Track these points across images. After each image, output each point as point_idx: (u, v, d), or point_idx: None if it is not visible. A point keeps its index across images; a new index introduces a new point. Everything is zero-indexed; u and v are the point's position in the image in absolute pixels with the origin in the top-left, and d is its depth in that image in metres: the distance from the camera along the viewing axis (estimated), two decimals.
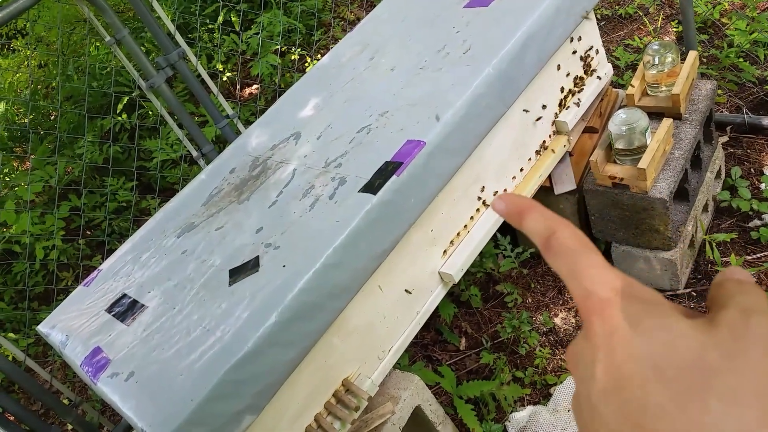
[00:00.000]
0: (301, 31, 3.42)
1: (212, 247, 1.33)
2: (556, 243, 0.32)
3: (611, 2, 2.97)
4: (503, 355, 1.84)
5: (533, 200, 0.36)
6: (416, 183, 1.25)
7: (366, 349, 1.31)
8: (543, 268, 2.05)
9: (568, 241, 0.32)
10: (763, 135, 2.08)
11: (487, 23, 1.52)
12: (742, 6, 2.48)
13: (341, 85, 1.66)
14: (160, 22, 2.03)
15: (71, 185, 3.12)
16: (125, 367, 1.18)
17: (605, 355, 0.27)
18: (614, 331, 0.28)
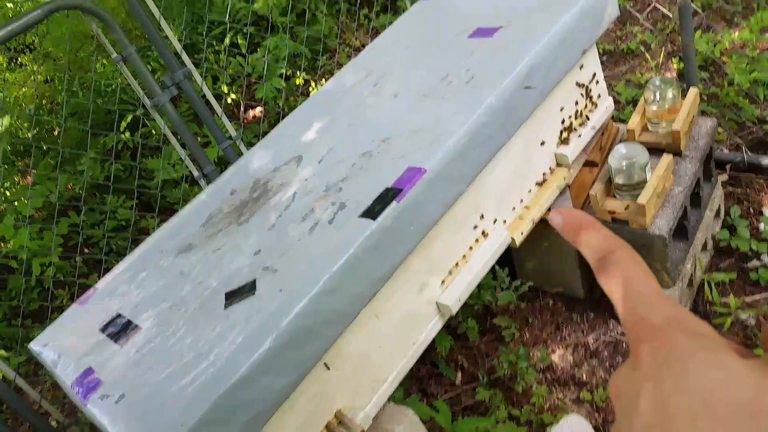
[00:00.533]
0: (307, 56, 3.45)
1: (209, 269, 1.32)
2: (612, 263, 0.31)
3: (614, 37, 3.01)
4: (499, 392, 1.82)
5: (592, 216, 0.34)
6: (416, 210, 1.24)
7: (360, 380, 1.29)
8: (541, 302, 2.03)
9: (624, 262, 0.31)
10: (762, 175, 2.09)
11: (491, 54, 1.53)
12: (742, 45, 2.51)
13: (344, 109, 1.66)
14: (167, 41, 2.04)
15: (71, 202, 3.12)
16: (116, 388, 1.16)
17: (653, 387, 0.26)
18: (664, 362, 0.26)
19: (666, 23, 2.90)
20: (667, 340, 0.27)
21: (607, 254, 0.32)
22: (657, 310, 0.28)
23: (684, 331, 0.27)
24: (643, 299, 0.29)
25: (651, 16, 3.00)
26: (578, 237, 0.34)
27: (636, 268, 0.31)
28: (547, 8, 1.59)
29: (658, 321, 0.28)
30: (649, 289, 0.30)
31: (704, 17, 2.77)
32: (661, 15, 2.95)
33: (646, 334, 0.28)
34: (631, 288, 0.30)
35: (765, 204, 2.00)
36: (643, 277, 0.30)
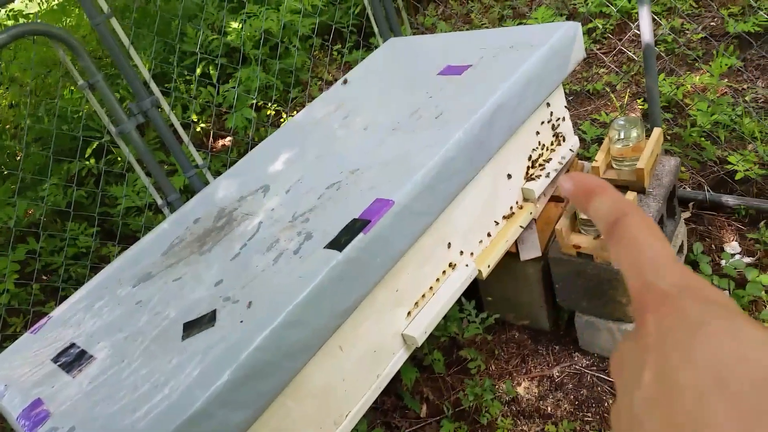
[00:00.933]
0: (279, 88, 3.46)
1: (168, 299, 1.28)
2: (622, 229, 0.29)
3: (580, 78, 3.09)
4: (464, 425, 1.79)
5: (603, 180, 0.32)
6: (383, 242, 1.23)
7: (322, 414, 1.26)
8: (507, 335, 2.03)
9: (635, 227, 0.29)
10: (723, 213, 2.14)
11: (460, 90, 1.55)
12: (703, 89, 2.60)
13: (314, 141, 1.66)
14: (136, 70, 2.03)
15: (31, 228, 3.03)
16: (66, 421, 1.11)
17: (657, 358, 0.23)
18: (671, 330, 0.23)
19: (631, 65, 2.99)
20: (675, 308, 0.24)
21: (618, 219, 0.30)
22: (666, 275, 0.26)
23: (695, 298, 0.24)
24: (651, 264, 0.27)
25: (617, 58, 3.10)
26: (588, 203, 0.32)
27: (647, 232, 0.28)
28: (516, 49, 1.63)
29: (667, 287, 0.25)
30: (660, 254, 0.27)
31: (667, 61, 2.86)
32: (627, 58, 3.04)
33: (652, 301, 0.25)
34: (641, 254, 0.27)
35: (726, 241, 2.04)
36: (653, 242, 0.28)
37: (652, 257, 0.27)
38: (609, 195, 0.31)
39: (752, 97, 2.52)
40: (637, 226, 0.29)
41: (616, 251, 0.29)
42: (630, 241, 0.28)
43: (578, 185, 0.33)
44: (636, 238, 0.28)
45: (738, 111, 2.42)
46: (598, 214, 0.31)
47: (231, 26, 3.56)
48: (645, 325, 0.25)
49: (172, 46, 3.53)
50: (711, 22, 3.04)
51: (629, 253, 0.28)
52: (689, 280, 0.26)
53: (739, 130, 2.32)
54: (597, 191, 0.31)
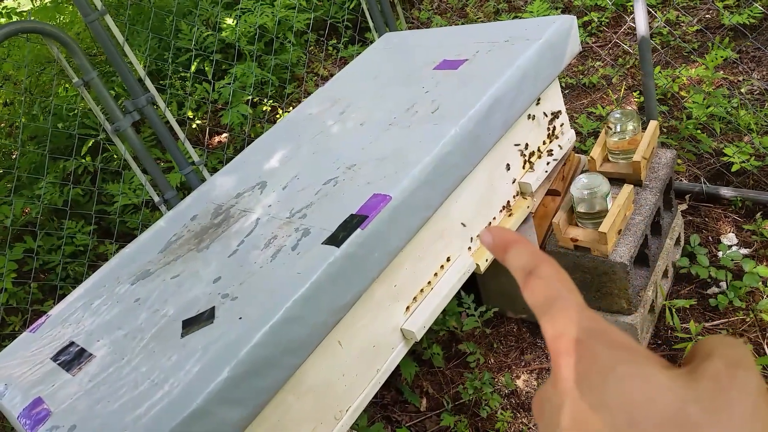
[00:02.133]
0: (274, 84, 3.45)
1: (166, 296, 1.28)
2: (535, 279, 0.31)
3: (576, 72, 3.09)
4: (464, 418, 1.80)
5: (520, 235, 0.34)
6: (381, 237, 1.24)
7: (322, 409, 1.26)
8: (506, 328, 2.03)
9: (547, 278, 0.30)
10: (720, 205, 2.14)
11: (456, 85, 1.55)
12: (699, 81, 2.60)
13: (310, 137, 1.66)
14: (131, 67, 2.02)
15: (28, 226, 3.03)
16: (67, 420, 1.11)
17: (572, 403, 0.25)
18: (585, 376, 0.25)
19: (627, 59, 2.99)
20: (587, 353, 0.26)
21: (532, 270, 0.31)
22: (577, 323, 0.27)
23: (604, 343, 0.26)
24: (562, 313, 0.28)
25: (612, 51, 3.09)
26: (506, 254, 0.33)
27: (559, 283, 0.30)
28: (512, 42, 1.62)
29: (578, 334, 0.27)
30: (569, 302, 0.29)
31: (663, 54, 2.86)
32: (623, 51, 3.04)
33: (566, 347, 0.27)
34: (553, 302, 0.29)
35: (723, 232, 2.05)
36: (565, 292, 0.29)
37: (562, 305, 0.29)
38: (524, 247, 0.33)
39: (748, 89, 2.52)
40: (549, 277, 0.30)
41: (531, 299, 0.30)
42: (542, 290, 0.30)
43: (496, 238, 0.34)
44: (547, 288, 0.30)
45: (734, 103, 2.42)
46: (514, 265, 0.33)
47: (226, 22, 3.55)
48: (560, 370, 0.26)
49: (167, 43, 3.52)
50: (706, 14, 3.04)
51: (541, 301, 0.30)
52: (597, 325, 0.27)
53: (735, 122, 2.33)
54: (513, 244, 0.33)
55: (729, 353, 0.25)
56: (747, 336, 1.74)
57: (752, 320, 1.77)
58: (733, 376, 0.24)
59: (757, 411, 0.23)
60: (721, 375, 0.24)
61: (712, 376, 0.24)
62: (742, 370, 0.24)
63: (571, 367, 0.26)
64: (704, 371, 0.24)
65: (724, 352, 0.25)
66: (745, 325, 1.77)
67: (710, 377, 0.24)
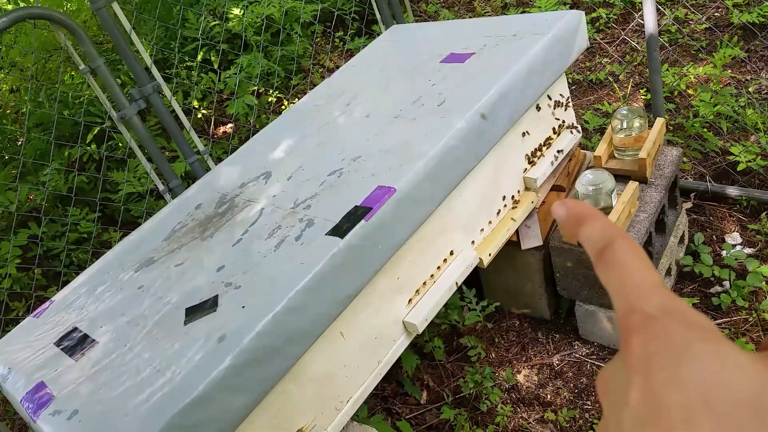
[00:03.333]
0: (280, 75, 3.45)
1: (170, 284, 1.29)
2: (610, 254, 0.30)
3: (583, 68, 3.07)
4: (464, 411, 1.81)
5: (595, 209, 0.33)
6: (385, 229, 1.24)
7: (323, 399, 1.26)
8: (507, 323, 2.04)
9: (623, 253, 0.29)
10: (725, 204, 2.14)
11: (463, 78, 1.55)
12: (706, 80, 2.59)
13: (316, 128, 1.66)
14: (138, 55, 2.02)
15: (32, 213, 3.04)
16: (69, 404, 1.12)
17: (644, 379, 0.24)
18: (657, 353, 0.24)
19: (634, 56, 2.98)
20: (661, 331, 0.25)
21: (607, 245, 0.30)
22: (651, 299, 0.27)
23: (679, 321, 0.25)
24: (637, 289, 0.27)
25: (620, 48, 3.08)
26: (579, 228, 0.33)
27: (634, 258, 0.29)
28: (519, 37, 1.62)
29: (652, 310, 0.26)
30: (645, 279, 0.28)
31: (671, 51, 2.85)
32: (630, 48, 3.03)
33: (637, 324, 0.26)
34: (627, 278, 0.28)
35: (727, 231, 2.04)
36: (640, 267, 0.29)
37: (638, 282, 0.28)
38: (599, 222, 0.32)
39: (756, 88, 2.51)
40: (624, 252, 0.30)
41: (605, 275, 0.30)
42: (617, 266, 0.29)
43: (571, 211, 0.34)
44: (623, 263, 0.29)
45: (741, 102, 2.41)
46: (589, 239, 0.32)
47: (232, 12, 3.54)
48: (631, 347, 0.26)
49: (174, 32, 3.51)
50: (715, 12, 3.02)
51: (616, 277, 0.29)
52: (674, 303, 0.26)
53: (741, 121, 2.32)
54: (588, 218, 0.33)
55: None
56: (749, 335, 1.74)
57: (755, 320, 1.77)
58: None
59: None
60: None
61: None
62: None
63: (644, 344, 0.25)
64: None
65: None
66: (747, 324, 1.77)
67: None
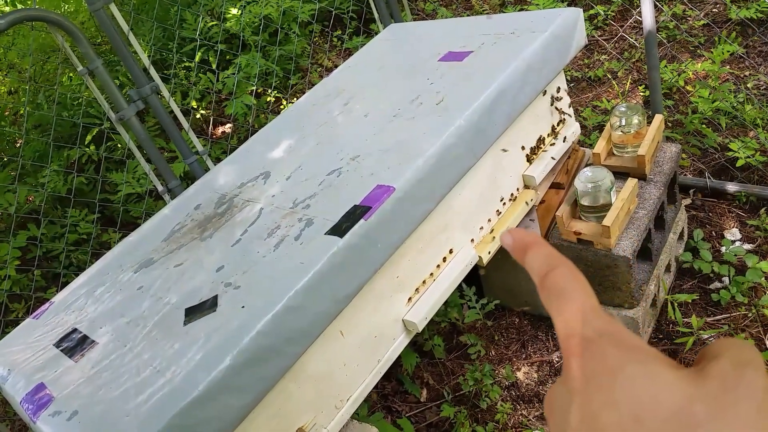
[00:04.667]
0: (278, 74, 3.44)
1: (169, 285, 1.29)
2: (551, 280, 0.31)
3: (582, 65, 3.07)
4: (464, 409, 1.81)
5: (539, 236, 0.35)
6: (384, 228, 1.24)
7: (323, 398, 1.27)
8: (507, 320, 2.04)
9: (563, 279, 0.31)
10: (724, 200, 2.14)
11: (461, 77, 1.55)
12: (705, 76, 2.59)
13: (314, 127, 1.66)
14: (136, 56, 2.02)
15: (31, 214, 3.04)
16: (69, 405, 1.12)
17: (582, 401, 0.26)
18: (594, 375, 0.26)
19: (632, 52, 2.98)
20: (597, 353, 0.26)
21: (549, 271, 0.32)
22: (589, 323, 0.28)
23: (614, 344, 0.27)
24: (576, 314, 0.29)
25: (618, 45, 3.08)
26: (524, 256, 0.34)
27: (574, 284, 0.31)
28: (517, 35, 1.62)
29: (589, 334, 0.28)
30: (584, 304, 0.29)
31: (669, 48, 2.85)
32: (628, 44, 3.03)
33: (577, 348, 0.27)
34: (567, 304, 0.30)
35: (726, 228, 2.04)
36: (580, 293, 0.30)
37: (576, 307, 0.29)
38: (542, 249, 0.34)
39: (754, 84, 2.51)
40: (564, 278, 0.31)
41: (547, 301, 0.31)
42: (558, 292, 0.31)
43: (516, 240, 0.35)
44: (563, 289, 0.31)
45: (739, 98, 2.41)
46: (532, 266, 0.33)
47: (230, 12, 3.54)
48: (571, 370, 0.27)
49: (172, 33, 3.51)
50: (713, 8, 3.02)
51: (557, 302, 0.30)
52: (610, 326, 0.28)
53: (740, 117, 2.32)
54: (532, 246, 0.34)
55: (737, 354, 0.25)
56: (749, 331, 1.74)
57: (754, 315, 1.77)
58: (740, 375, 0.24)
59: (763, 410, 0.23)
60: (728, 374, 0.24)
61: (719, 376, 0.24)
62: (750, 370, 0.24)
63: (581, 367, 0.27)
64: (711, 371, 0.25)
65: (733, 353, 0.25)
66: (747, 320, 1.77)
67: (717, 376, 0.24)
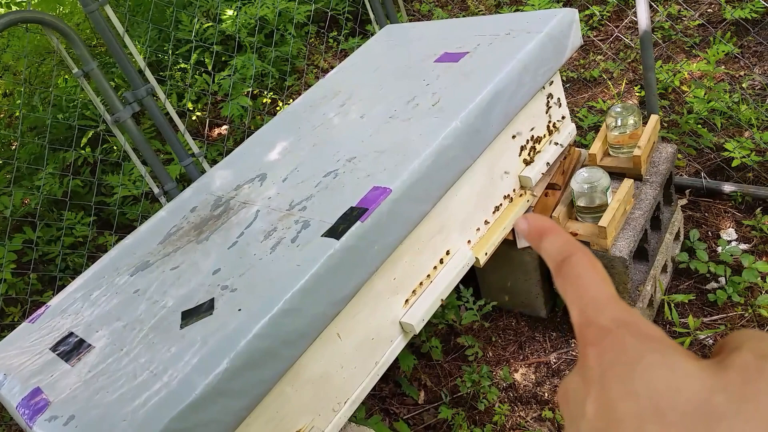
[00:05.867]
0: (274, 76, 3.44)
1: (165, 288, 1.28)
2: (568, 267, 0.31)
3: (577, 65, 3.08)
4: (462, 411, 1.81)
5: (555, 223, 0.34)
6: (380, 230, 1.23)
7: (321, 401, 1.26)
8: (504, 321, 2.04)
9: (580, 267, 0.30)
10: (720, 200, 2.14)
11: (457, 78, 1.55)
12: (700, 76, 2.59)
13: (310, 129, 1.66)
14: (131, 58, 2.01)
15: (27, 217, 3.03)
16: (65, 410, 1.11)
17: (599, 391, 0.25)
18: (611, 365, 0.25)
19: (628, 53, 2.98)
20: (615, 343, 0.26)
21: (565, 258, 0.31)
22: (606, 312, 0.27)
23: (632, 334, 0.26)
24: (594, 302, 0.28)
25: (614, 45, 3.08)
26: (541, 242, 0.34)
27: (591, 271, 0.30)
28: (513, 35, 1.62)
29: (607, 323, 0.27)
30: (601, 292, 0.29)
31: (665, 48, 2.85)
32: (624, 45, 3.03)
33: (593, 337, 0.27)
34: (584, 291, 0.29)
35: (723, 228, 2.05)
36: (597, 281, 0.29)
37: (594, 295, 0.29)
38: (559, 236, 0.33)
39: (749, 83, 2.52)
40: (582, 266, 0.30)
41: (563, 288, 0.31)
42: (574, 280, 0.30)
43: (532, 226, 0.35)
44: (580, 277, 0.30)
45: (735, 98, 2.42)
46: (548, 252, 0.33)
47: (226, 13, 3.53)
48: (587, 359, 0.27)
49: (167, 34, 3.51)
50: (708, 8, 3.03)
51: (573, 290, 0.30)
52: (628, 316, 0.27)
53: (735, 117, 2.32)
54: (548, 232, 0.34)
55: (758, 345, 0.25)
56: None
57: (751, 316, 1.77)
58: (761, 367, 0.24)
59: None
60: (750, 366, 0.24)
61: (740, 367, 0.24)
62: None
63: (599, 357, 0.26)
64: (732, 362, 0.24)
65: (754, 345, 0.25)
66: (743, 320, 1.77)
67: (738, 368, 0.24)
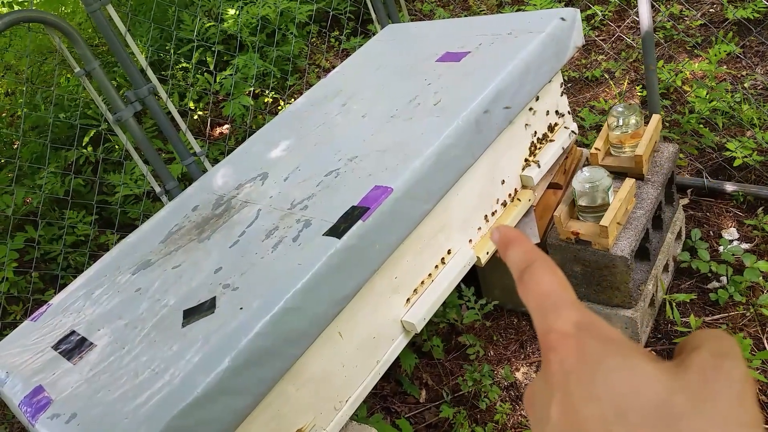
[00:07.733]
0: (276, 75, 3.44)
1: (167, 286, 1.29)
2: (528, 275, 0.31)
3: (579, 65, 3.08)
4: (463, 410, 1.81)
5: (519, 232, 0.35)
6: (382, 229, 1.24)
7: (322, 399, 1.26)
8: (506, 320, 2.04)
9: (540, 274, 0.31)
10: (722, 199, 2.14)
11: (459, 77, 1.55)
12: (702, 75, 2.59)
13: (312, 128, 1.66)
14: (133, 57, 2.02)
15: (29, 216, 3.03)
16: (67, 408, 1.12)
17: (562, 395, 0.26)
18: (573, 369, 0.26)
19: (630, 52, 2.98)
20: (576, 347, 0.26)
21: (527, 266, 0.32)
22: (567, 317, 0.28)
23: (593, 337, 0.27)
24: (554, 308, 0.29)
25: (615, 45, 3.08)
26: (506, 251, 0.35)
27: (551, 278, 0.31)
28: (515, 35, 1.62)
29: (567, 328, 0.28)
30: (561, 298, 0.29)
31: (667, 48, 2.85)
32: (626, 45, 3.03)
33: (555, 342, 0.27)
34: (544, 298, 0.30)
35: (724, 227, 2.04)
36: (556, 287, 0.30)
37: (554, 301, 0.29)
38: (522, 245, 0.34)
39: (751, 83, 2.52)
40: (542, 273, 0.31)
41: (525, 295, 0.31)
42: (534, 286, 0.31)
43: (501, 236, 0.36)
44: (540, 284, 0.31)
45: (737, 98, 2.41)
46: (512, 261, 0.34)
47: (228, 13, 3.54)
48: (550, 364, 0.27)
49: (169, 33, 3.51)
50: (710, 8, 3.03)
51: (534, 297, 0.30)
52: (588, 319, 0.28)
53: (737, 116, 2.32)
54: (513, 242, 0.35)
55: (715, 345, 0.26)
56: (747, 331, 1.74)
57: (752, 315, 1.77)
58: (719, 366, 0.24)
59: (742, 400, 0.23)
60: (707, 365, 0.24)
61: (698, 367, 0.24)
62: (728, 361, 0.25)
63: (561, 362, 0.26)
64: (691, 362, 0.25)
65: (711, 344, 0.26)
66: (745, 319, 1.77)
67: (696, 368, 0.24)
